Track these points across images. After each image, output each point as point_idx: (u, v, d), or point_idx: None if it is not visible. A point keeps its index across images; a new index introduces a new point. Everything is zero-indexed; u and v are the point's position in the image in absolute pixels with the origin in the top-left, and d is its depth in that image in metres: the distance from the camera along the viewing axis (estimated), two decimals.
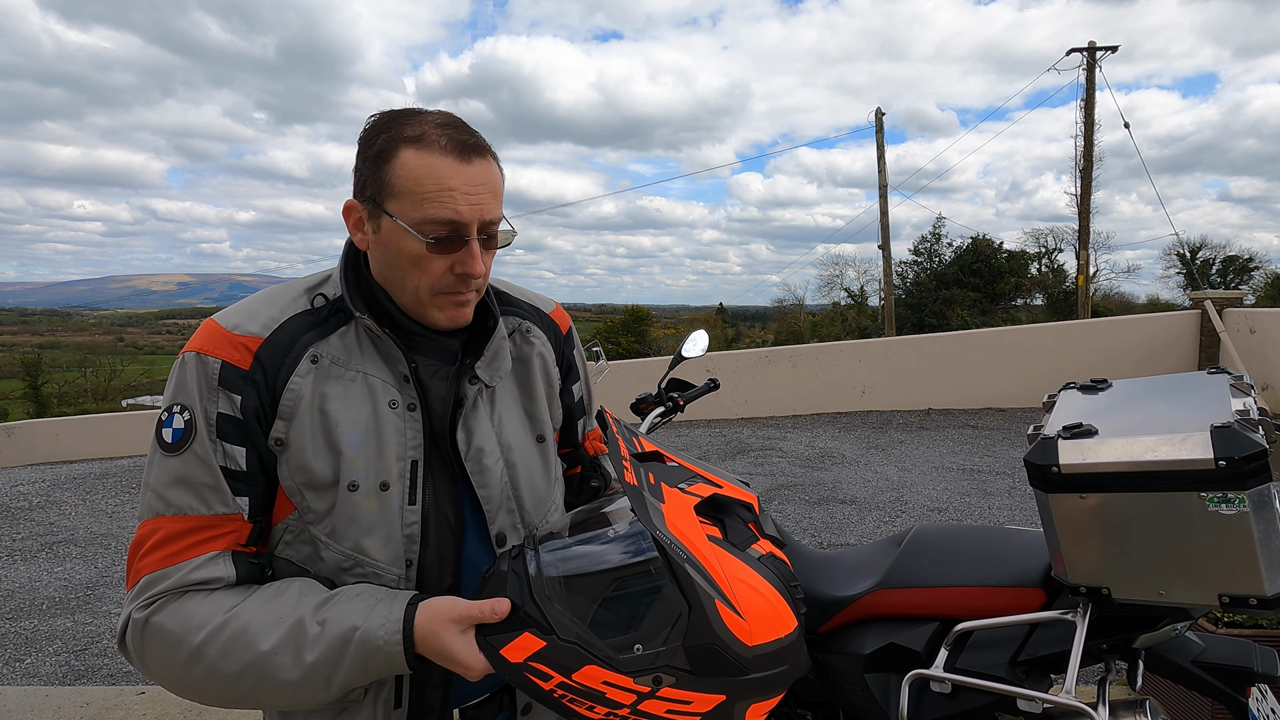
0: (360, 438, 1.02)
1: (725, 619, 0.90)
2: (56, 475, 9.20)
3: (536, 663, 0.93)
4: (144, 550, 0.98)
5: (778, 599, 0.99)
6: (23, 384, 55.28)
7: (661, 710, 0.92)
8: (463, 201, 1.00)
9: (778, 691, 0.97)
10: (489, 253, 1.07)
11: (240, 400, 0.99)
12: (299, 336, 1.04)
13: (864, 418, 10.09)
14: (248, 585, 1.00)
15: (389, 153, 1.00)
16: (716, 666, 0.91)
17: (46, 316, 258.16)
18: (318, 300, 1.08)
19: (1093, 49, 20.03)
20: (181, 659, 0.95)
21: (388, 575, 1.04)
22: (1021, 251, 33.64)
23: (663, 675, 0.91)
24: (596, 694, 0.92)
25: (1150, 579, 1.29)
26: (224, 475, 0.99)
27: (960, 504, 6.00)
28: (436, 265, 1.02)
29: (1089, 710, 1.30)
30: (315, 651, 0.94)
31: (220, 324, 1.02)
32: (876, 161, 22.30)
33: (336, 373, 1.04)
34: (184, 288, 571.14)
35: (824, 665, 1.68)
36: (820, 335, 37.28)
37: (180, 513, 0.98)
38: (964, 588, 1.57)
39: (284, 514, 1.04)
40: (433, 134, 1.00)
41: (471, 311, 1.10)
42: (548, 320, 1.28)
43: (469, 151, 1.01)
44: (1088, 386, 1.57)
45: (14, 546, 6.08)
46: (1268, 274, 33.18)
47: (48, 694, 3.43)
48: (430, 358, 1.10)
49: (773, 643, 0.95)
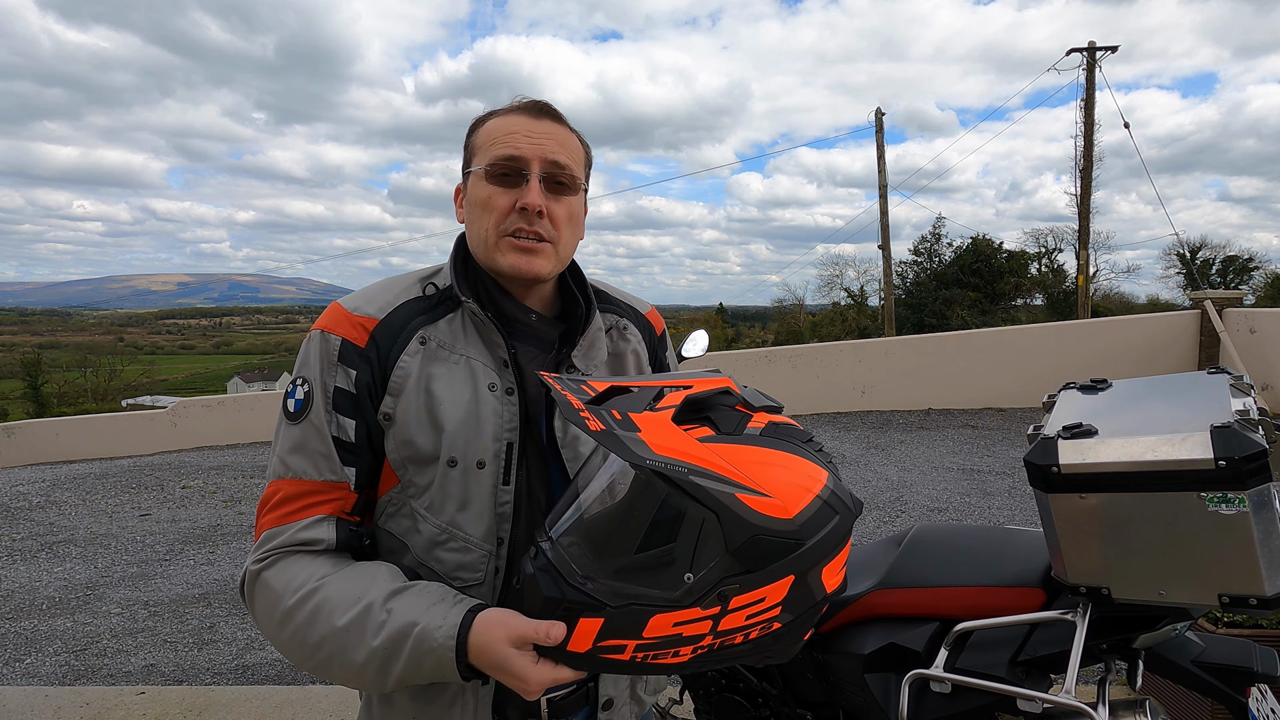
0: (460, 416, 1.08)
1: (754, 505, 0.87)
2: (56, 475, 9.20)
3: (604, 641, 0.90)
4: (266, 508, 1.07)
5: (796, 461, 0.95)
6: (23, 384, 55.25)
7: (742, 620, 0.90)
8: (524, 141, 1.10)
9: (842, 544, 0.93)
10: (557, 200, 1.13)
11: (355, 375, 1.07)
12: (410, 319, 1.12)
13: (864, 418, 10.10)
14: (346, 552, 1.07)
15: (477, 126, 1.16)
16: (770, 553, 0.88)
17: (46, 316, 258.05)
18: (429, 289, 1.16)
19: (1093, 49, 20.02)
20: (276, 618, 1.01)
21: (479, 551, 1.08)
22: (1021, 251, 33.66)
23: (725, 589, 0.88)
24: (674, 639, 0.89)
25: (1150, 579, 1.29)
26: (335, 445, 1.07)
27: (960, 504, 6.00)
28: (500, 201, 1.10)
29: (1089, 710, 1.30)
30: (378, 638, 0.96)
31: (344, 306, 1.12)
32: (876, 161, 22.30)
33: (442, 355, 1.10)
34: (184, 288, 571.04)
35: (824, 665, 1.68)
36: (820, 335, 37.28)
37: (297, 476, 1.06)
38: (964, 588, 1.57)
39: (388, 487, 1.10)
40: (512, 104, 1.15)
41: (541, 264, 1.13)
42: (643, 320, 1.33)
43: (539, 111, 1.14)
44: (1088, 386, 1.57)
45: (14, 546, 6.08)
46: (1268, 274, 33.19)
47: (48, 694, 3.43)
48: (529, 345, 1.16)
49: (811, 504, 0.91)
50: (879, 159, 22.22)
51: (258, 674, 3.68)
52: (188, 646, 4.02)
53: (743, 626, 0.90)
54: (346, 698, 3.26)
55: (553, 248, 1.13)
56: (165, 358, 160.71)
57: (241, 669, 3.74)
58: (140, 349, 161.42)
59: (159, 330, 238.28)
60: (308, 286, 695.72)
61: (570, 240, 1.17)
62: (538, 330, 1.17)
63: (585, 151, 1.20)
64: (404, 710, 1.10)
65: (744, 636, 0.91)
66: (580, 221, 1.19)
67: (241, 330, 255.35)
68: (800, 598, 0.91)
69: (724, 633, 0.90)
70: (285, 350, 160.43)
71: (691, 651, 0.91)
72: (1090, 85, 20.18)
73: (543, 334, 1.17)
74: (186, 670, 3.74)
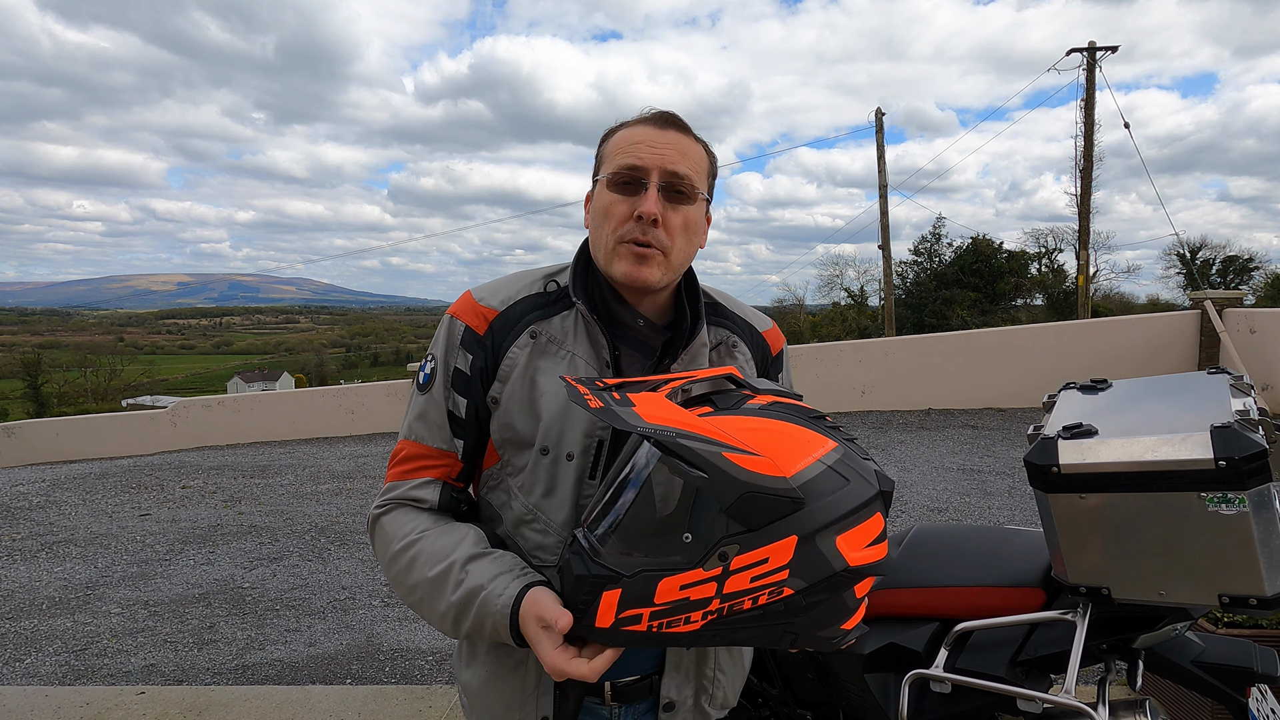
0: (558, 409, 1.15)
1: (743, 464, 0.87)
2: (56, 475, 9.20)
3: (624, 612, 0.93)
4: (393, 462, 1.22)
5: (795, 429, 0.96)
6: (23, 384, 55.26)
7: (747, 582, 0.90)
8: (645, 151, 1.14)
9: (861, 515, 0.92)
10: (674, 209, 1.15)
11: (472, 359, 1.18)
12: (526, 314, 1.20)
13: (864, 418, 10.10)
14: (446, 513, 1.20)
15: (608, 136, 1.21)
16: (766, 511, 0.88)
17: (46, 316, 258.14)
18: (550, 286, 1.23)
19: (1093, 49, 20.02)
20: (387, 558, 1.17)
21: (557, 536, 1.15)
22: (1021, 251, 33.66)
23: (724, 549, 0.89)
24: (681, 603, 0.91)
25: (1150, 579, 1.29)
26: (449, 419, 1.19)
27: (960, 504, 6.00)
28: (619, 209, 1.15)
29: (1089, 710, 1.30)
30: (455, 595, 1.08)
31: (473, 296, 1.22)
32: (876, 161, 22.30)
33: (550, 350, 1.18)
34: (184, 288, 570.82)
35: (824, 665, 1.68)
36: (820, 335, 37.26)
37: (417, 440, 1.20)
38: (964, 588, 1.57)
39: (491, 463, 1.22)
40: (643, 115, 1.19)
41: (650, 272, 1.16)
42: (758, 338, 1.33)
43: (666, 121, 1.18)
44: (1088, 387, 1.57)
45: (14, 546, 6.08)
46: (1268, 274, 33.19)
47: (48, 694, 3.43)
48: (633, 349, 1.21)
49: (813, 465, 0.91)
50: (879, 159, 22.22)
51: (258, 674, 3.68)
52: (188, 646, 4.02)
53: (749, 590, 0.90)
54: (347, 697, 3.27)
55: (664, 257, 1.16)
56: (165, 358, 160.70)
57: (241, 669, 3.74)
58: (140, 349, 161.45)
59: (159, 330, 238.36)
60: (308, 286, 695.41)
61: (685, 249, 1.19)
62: (643, 335, 1.22)
63: (710, 162, 1.22)
64: (484, 662, 1.21)
65: (752, 601, 0.91)
66: (698, 231, 1.21)
67: (241, 330, 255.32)
68: (810, 564, 0.90)
69: (730, 595, 0.90)
70: (285, 350, 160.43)
71: (701, 617, 0.91)
72: (1090, 85, 20.18)
73: (648, 340, 1.22)
74: (186, 670, 3.74)
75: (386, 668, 3.69)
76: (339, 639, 4.05)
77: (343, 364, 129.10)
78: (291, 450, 10.30)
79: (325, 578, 5.01)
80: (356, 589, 4.78)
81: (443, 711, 3.08)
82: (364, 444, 10.50)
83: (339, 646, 3.95)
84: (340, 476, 8.26)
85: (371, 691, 3.33)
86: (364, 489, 7.60)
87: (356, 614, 4.38)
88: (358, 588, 4.81)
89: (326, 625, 4.24)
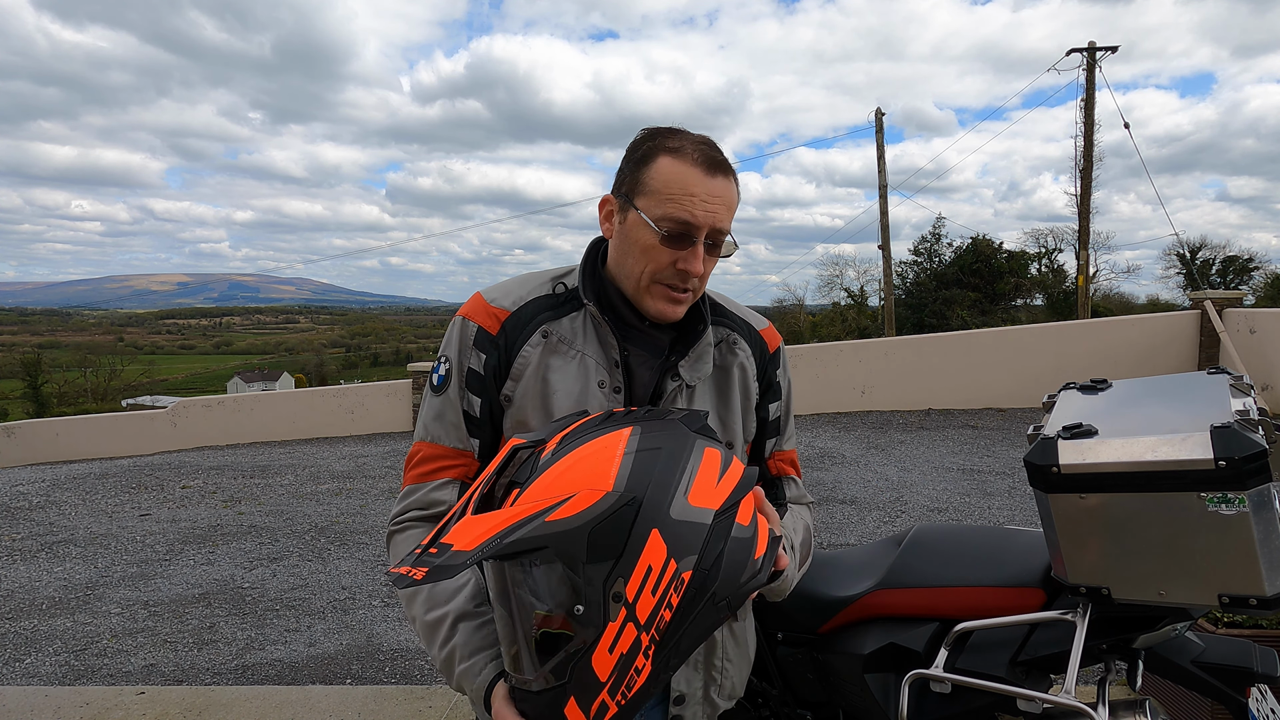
0: (569, 406, 1.18)
1: (568, 512, 0.87)
2: (56, 475, 9.20)
3: (590, 708, 0.93)
4: (410, 464, 1.24)
5: (590, 445, 0.95)
6: (23, 384, 55.25)
7: (651, 598, 0.90)
8: (700, 207, 1.14)
9: (687, 466, 0.94)
10: (711, 259, 1.20)
11: (485, 359, 1.21)
12: (537, 314, 1.23)
13: (864, 418, 10.10)
14: None
15: (650, 157, 1.17)
16: (616, 531, 0.88)
17: (46, 316, 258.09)
18: (559, 288, 1.26)
19: (1093, 49, 20.02)
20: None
21: None
22: (1021, 252, 33.64)
23: (614, 590, 0.89)
24: (621, 661, 0.91)
25: (1150, 579, 1.29)
26: (464, 418, 1.22)
27: (960, 504, 6.00)
28: (663, 257, 1.17)
29: (1089, 710, 1.30)
30: (442, 651, 1.13)
31: (484, 297, 1.25)
32: (876, 161, 22.29)
33: (561, 349, 1.21)
34: (183, 287, 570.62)
35: (824, 665, 1.68)
36: (820, 335, 37.26)
37: (434, 441, 1.23)
38: (964, 588, 1.57)
39: None
40: (688, 148, 1.16)
41: (683, 311, 1.22)
42: (756, 336, 1.37)
43: (715, 167, 1.16)
44: (1088, 387, 1.57)
45: (14, 546, 6.07)
46: (1267, 274, 33.19)
47: (47, 694, 3.43)
48: (641, 349, 1.24)
49: (623, 462, 0.92)
50: (879, 159, 22.22)
51: (258, 674, 3.68)
52: (188, 646, 4.02)
53: (659, 602, 0.91)
54: (347, 697, 3.27)
55: (693, 296, 1.22)
56: (165, 358, 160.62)
57: (241, 669, 3.74)
58: (140, 349, 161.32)
59: (159, 330, 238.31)
60: (307, 286, 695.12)
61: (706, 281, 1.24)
62: (651, 336, 1.25)
63: (739, 195, 1.24)
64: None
65: (668, 608, 0.91)
66: None
67: (241, 330, 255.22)
68: (683, 539, 0.91)
69: (649, 620, 0.91)
70: (285, 350, 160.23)
71: (645, 659, 0.92)
72: (1090, 85, 20.18)
73: (654, 340, 1.25)
74: (186, 670, 3.74)
75: (386, 668, 3.69)
76: (339, 639, 4.05)
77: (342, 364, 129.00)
78: (291, 450, 10.30)
79: (325, 578, 5.01)
80: (356, 589, 4.78)
81: (443, 711, 3.08)
82: (364, 444, 10.50)
83: (339, 646, 3.95)
84: (340, 476, 8.26)
85: (371, 691, 3.33)
86: (364, 489, 7.60)
87: (356, 614, 4.38)
88: (358, 588, 4.81)
89: (326, 625, 4.24)
